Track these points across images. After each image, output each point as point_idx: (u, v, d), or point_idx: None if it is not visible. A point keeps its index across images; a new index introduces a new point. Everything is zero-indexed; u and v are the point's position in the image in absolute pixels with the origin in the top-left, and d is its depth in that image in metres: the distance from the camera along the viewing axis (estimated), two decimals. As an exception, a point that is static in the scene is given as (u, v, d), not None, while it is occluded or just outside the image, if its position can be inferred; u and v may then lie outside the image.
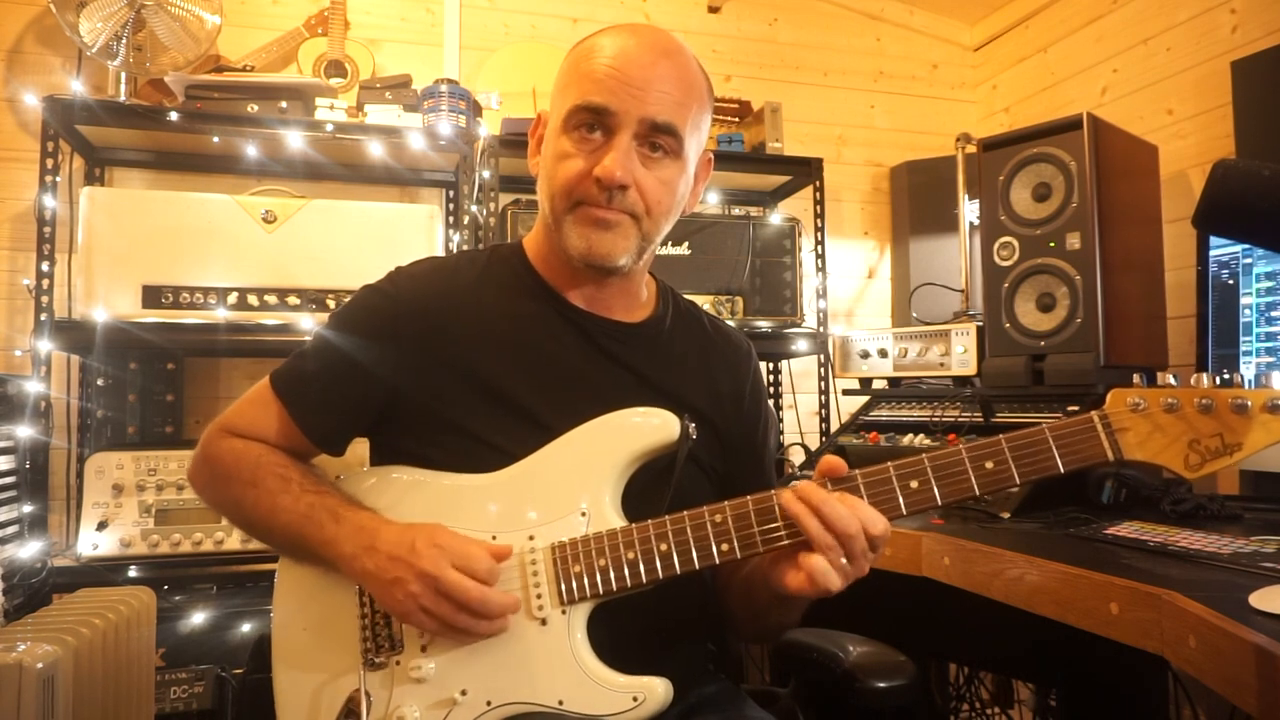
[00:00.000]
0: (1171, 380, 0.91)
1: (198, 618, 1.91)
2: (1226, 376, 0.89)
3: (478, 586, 0.90)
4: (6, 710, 1.21)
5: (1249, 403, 0.86)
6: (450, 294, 1.08)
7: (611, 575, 0.94)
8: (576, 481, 0.99)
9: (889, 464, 0.92)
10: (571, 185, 1.00)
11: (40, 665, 1.26)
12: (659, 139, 1.01)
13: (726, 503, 0.94)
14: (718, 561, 0.93)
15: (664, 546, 0.94)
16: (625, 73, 0.99)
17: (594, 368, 1.07)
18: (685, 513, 0.94)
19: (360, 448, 1.12)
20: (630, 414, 1.01)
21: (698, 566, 0.93)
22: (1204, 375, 0.90)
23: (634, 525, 0.95)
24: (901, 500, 0.91)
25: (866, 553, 0.88)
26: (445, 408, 1.04)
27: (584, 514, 0.97)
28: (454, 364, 1.04)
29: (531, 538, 0.97)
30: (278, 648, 1.06)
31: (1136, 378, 0.93)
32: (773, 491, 0.92)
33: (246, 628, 1.93)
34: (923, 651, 1.71)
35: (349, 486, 1.06)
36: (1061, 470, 0.90)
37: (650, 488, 1.00)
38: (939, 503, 0.91)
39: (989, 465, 0.91)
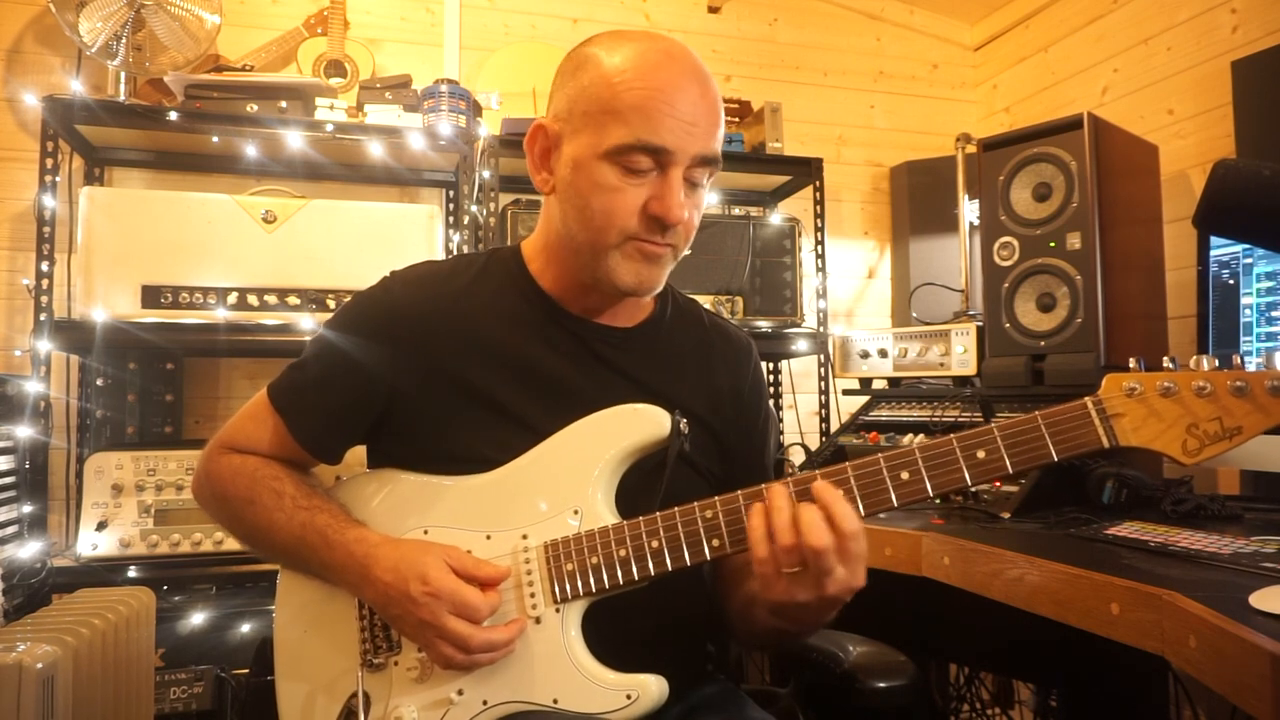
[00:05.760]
0: (1168, 364, 0.88)
1: (197, 618, 1.91)
2: (1224, 354, 0.86)
3: (477, 634, 0.90)
4: (6, 710, 1.21)
5: (1249, 385, 0.83)
6: (443, 299, 1.07)
7: (604, 573, 0.94)
8: (569, 480, 0.99)
9: (879, 455, 0.91)
10: (624, 221, 0.98)
11: (40, 665, 1.25)
12: (704, 171, 1.01)
13: (717, 498, 0.93)
14: (709, 557, 0.93)
15: (655, 543, 0.93)
16: (679, 109, 0.96)
17: (587, 373, 1.07)
18: (676, 509, 0.94)
19: (358, 449, 1.13)
20: (621, 410, 1.00)
21: (689, 563, 0.93)
22: (1203, 358, 0.86)
23: (625, 523, 0.95)
24: (892, 492, 0.90)
25: (819, 563, 0.83)
26: (437, 413, 1.04)
27: (577, 512, 0.97)
28: (445, 369, 1.04)
29: (525, 536, 0.97)
30: (279, 649, 1.07)
31: (1133, 362, 0.90)
32: (763, 486, 0.91)
33: (246, 628, 1.93)
34: (923, 651, 1.71)
35: (344, 492, 1.07)
36: (1055, 458, 0.88)
37: (644, 486, 0.99)
38: (930, 493, 0.90)
39: (980, 454, 0.89)
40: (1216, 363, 0.86)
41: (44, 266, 2.01)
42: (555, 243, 1.07)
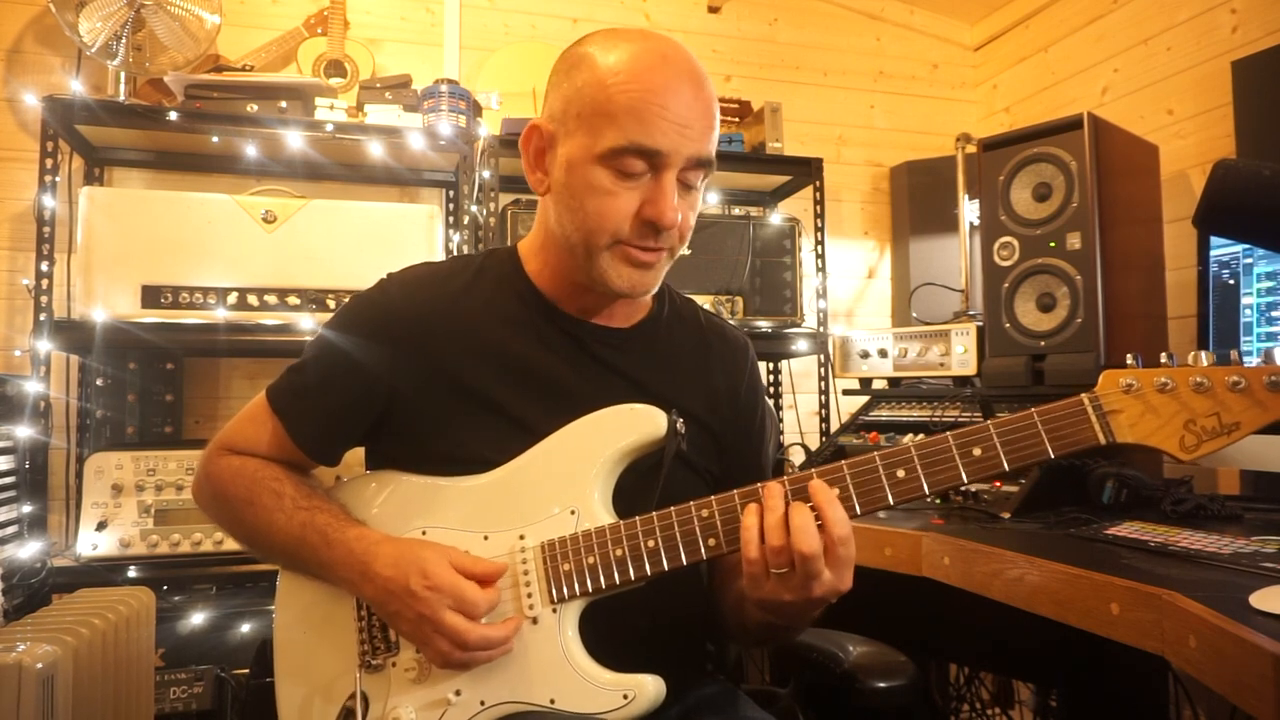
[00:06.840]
0: (1166, 360, 0.88)
1: (197, 618, 1.91)
2: (1224, 354, 0.86)
3: (475, 630, 0.90)
4: (6, 710, 1.21)
5: (1246, 381, 0.83)
6: (441, 300, 1.07)
7: (600, 573, 0.94)
8: (566, 480, 0.99)
9: (875, 453, 0.91)
10: (617, 225, 0.98)
11: (40, 665, 1.25)
12: (699, 173, 1.00)
13: (714, 497, 0.93)
14: (705, 557, 0.93)
15: (651, 543, 0.93)
16: (673, 111, 0.95)
17: (584, 374, 1.07)
18: (673, 509, 0.94)
19: (357, 450, 1.13)
20: (618, 410, 1.00)
21: (685, 562, 0.93)
22: (1201, 354, 0.86)
23: (622, 522, 0.95)
24: (888, 490, 0.89)
25: (806, 567, 0.84)
26: (436, 414, 1.04)
27: (574, 512, 0.97)
28: (444, 370, 1.04)
29: (522, 536, 0.97)
30: (279, 650, 1.07)
31: (1130, 358, 0.89)
32: (759, 485, 0.91)
33: (246, 628, 1.93)
34: (923, 651, 1.71)
35: (344, 492, 1.07)
36: (1052, 455, 0.87)
37: (641, 486, 0.99)
38: (926, 492, 0.89)
39: (976, 452, 0.89)
40: (1214, 358, 0.86)
41: (44, 266, 2.02)
42: (550, 243, 1.07)
